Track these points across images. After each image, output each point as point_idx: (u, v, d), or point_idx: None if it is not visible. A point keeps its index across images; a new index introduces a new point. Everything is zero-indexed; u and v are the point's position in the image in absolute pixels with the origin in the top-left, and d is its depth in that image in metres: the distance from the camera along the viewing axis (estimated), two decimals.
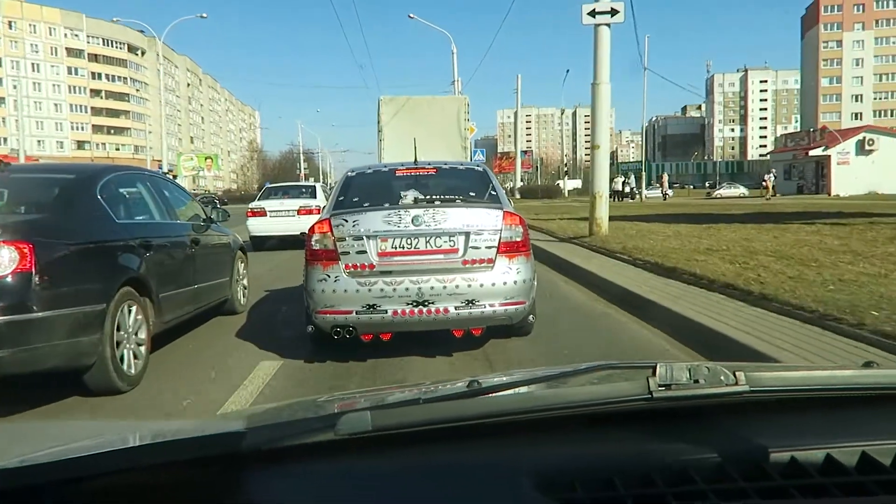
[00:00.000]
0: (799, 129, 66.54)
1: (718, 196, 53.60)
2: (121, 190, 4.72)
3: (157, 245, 4.65)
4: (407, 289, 4.04)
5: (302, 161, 75.23)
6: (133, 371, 4.00)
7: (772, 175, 39.13)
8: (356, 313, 4.08)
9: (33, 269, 3.34)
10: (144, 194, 5.12)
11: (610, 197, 38.08)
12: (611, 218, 11.38)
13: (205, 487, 0.81)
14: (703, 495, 0.77)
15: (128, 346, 3.99)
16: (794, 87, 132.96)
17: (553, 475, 0.81)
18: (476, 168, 5.21)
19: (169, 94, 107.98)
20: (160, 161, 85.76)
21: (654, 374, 0.84)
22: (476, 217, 4.20)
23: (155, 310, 4.39)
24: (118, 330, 3.86)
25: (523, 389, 0.99)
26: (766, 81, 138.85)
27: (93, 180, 4.37)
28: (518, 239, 4.23)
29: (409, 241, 4.14)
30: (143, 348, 4.18)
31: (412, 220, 4.12)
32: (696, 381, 0.85)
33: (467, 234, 4.14)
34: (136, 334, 4.10)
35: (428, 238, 4.14)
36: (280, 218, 13.33)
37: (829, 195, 38.74)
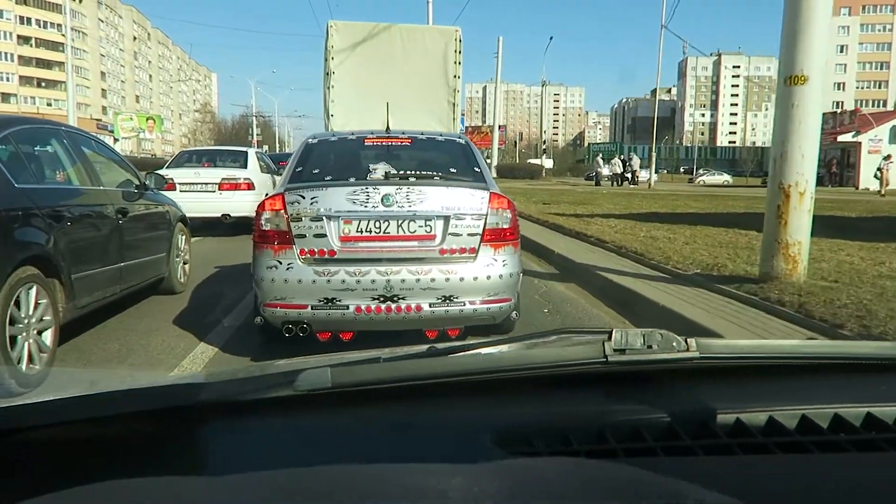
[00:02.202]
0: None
1: (702, 183, 50.27)
2: (25, 148, 4.03)
3: (72, 216, 4.05)
4: (373, 281, 3.59)
5: (255, 126, 68.94)
6: (36, 366, 3.48)
7: (891, 162, 28.07)
8: (312, 308, 3.60)
9: None
10: (60, 154, 4.46)
11: (609, 181, 33.75)
12: (654, 217, 8.73)
13: (156, 442, 0.80)
14: (653, 451, 0.81)
15: (28, 338, 3.47)
16: (767, 73, 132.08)
17: (511, 432, 0.84)
18: (458, 140, 4.56)
19: (111, 48, 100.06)
20: (98, 120, 79.41)
21: (609, 338, 0.87)
22: (457, 198, 3.73)
23: (66, 293, 3.84)
24: (13, 320, 3.34)
25: (483, 351, 0.98)
26: (738, 67, 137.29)
27: None
28: (506, 226, 3.78)
29: (377, 225, 3.68)
30: (48, 339, 3.65)
31: (382, 200, 3.66)
32: (650, 347, 0.88)
33: (446, 219, 3.70)
34: (38, 323, 3.57)
35: (400, 221, 3.68)
36: (194, 193, 10.21)
37: (857, 188, 34.27)
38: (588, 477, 0.65)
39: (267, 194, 11.68)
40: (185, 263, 6.15)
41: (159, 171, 7.23)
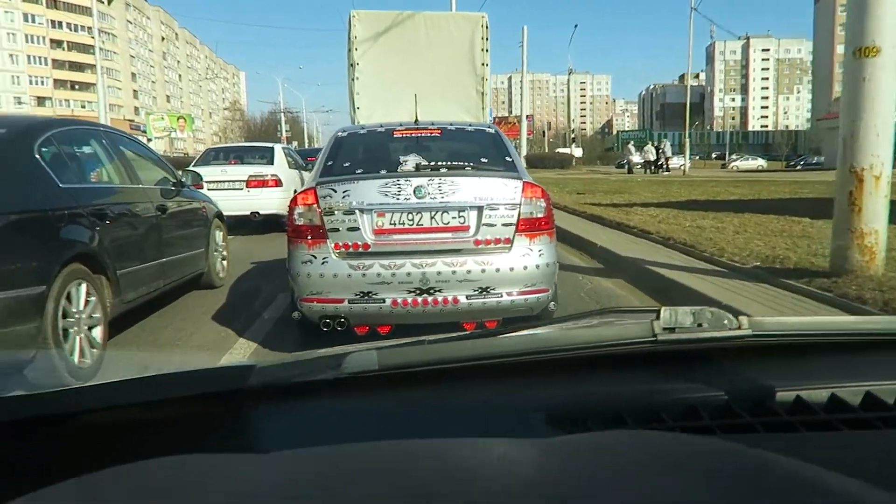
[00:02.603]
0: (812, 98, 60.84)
1: (735, 168, 48.99)
2: (67, 148, 4.13)
3: (114, 213, 4.14)
4: (408, 273, 3.55)
5: (283, 122, 69.21)
6: (88, 361, 3.53)
7: None
8: (348, 302, 3.58)
9: None
10: (100, 154, 4.56)
11: (642, 168, 32.90)
12: (695, 205, 8.04)
13: (207, 424, 0.81)
14: (711, 430, 0.79)
15: (79, 332, 3.52)
16: (797, 56, 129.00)
17: (563, 411, 0.83)
18: (487, 130, 4.51)
19: (140, 49, 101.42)
20: (131, 121, 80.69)
21: (658, 317, 0.86)
22: (490, 189, 3.68)
23: (113, 289, 3.93)
24: (64, 316, 3.40)
25: (530, 332, 0.98)
26: (768, 50, 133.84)
27: (29, 136, 3.73)
28: (541, 215, 3.72)
29: (410, 217, 3.64)
30: (97, 333, 3.72)
31: (414, 192, 3.61)
32: (700, 325, 0.86)
33: (480, 209, 3.65)
34: (89, 318, 3.64)
35: (433, 213, 3.64)
36: (222, 192, 9.76)
37: None
38: (664, 450, 0.61)
39: (295, 191, 11.49)
40: (223, 258, 6.22)
41: (194, 168, 7.17)
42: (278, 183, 10.25)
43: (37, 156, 3.65)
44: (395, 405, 0.84)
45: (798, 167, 47.26)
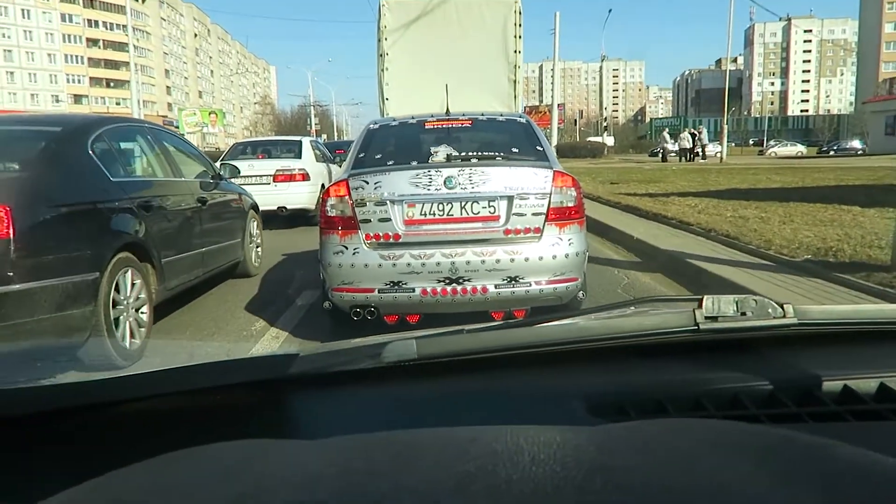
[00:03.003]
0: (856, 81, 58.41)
1: (773, 155, 47.68)
2: (116, 144, 4.39)
3: (159, 205, 4.37)
4: (438, 263, 3.59)
5: (313, 115, 69.49)
6: (136, 340, 3.80)
7: None
8: (379, 291, 3.64)
9: (11, 235, 3.06)
10: (144, 149, 4.85)
11: (676, 156, 32.13)
12: (735, 194, 7.74)
13: (251, 412, 0.83)
14: (756, 419, 0.78)
15: (127, 317, 3.77)
16: (842, 37, 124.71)
17: (604, 400, 0.82)
18: (518, 120, 4.51)
19: (174, 45, 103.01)
20: (164, 116, 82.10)
21: (700, 306, 0.85)
22: (521, 178, 3.68)
23: (157, 276, 4.17)
24: (115, 300, 3.64)
25: (569, 321, 0.97)
26: (810, 31, 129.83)
27: (83, 133, 3.99)
28: (571, 204, 3.73)
29: (440, 207, 3.67)
30: (144, 317, 3.98)
31: (444, 182, 3.65)
32: (744, 314, 0.85)
33: (510, 199, 3.66)
34: (136, 303, 3.88)
35: (463, 203, 3.67)
36: (249, 187, 9.41)
37: None
38: (711, 436, 0.59)
39: (323, 185, 11.33)
40: (257, 249, 6.47)
41: (232, 162, 7.32)
42: (305, 177, 10.15)
43: (90, 152, 3.90)
44: (435, 394, 0.84)
45: (831, 153, 45.73)
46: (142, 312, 3.96)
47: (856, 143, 47.55)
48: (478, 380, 0.86)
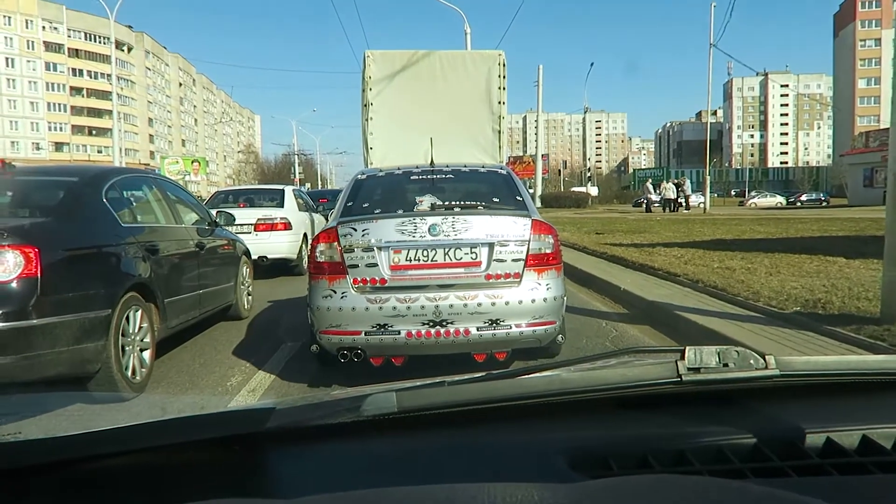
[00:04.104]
0: (832, 133, 60.42)
1: (753, 206, 48.67)
2: (126, 193, 4.83)
3: (163, 249, 4.75)
4: (423, 307, 3.76)
5: (297, 164, 69.98)
6: (138, 378, 4.11)
7: None
8: (365, 334, 3.81)
9: (39, 274, 3.39)
10: (150, 197, 5.27)
11: (660, 207, 32.61)
12: (721, 245, 7.97)
13: (227, 468, 0.81)
14: (741, 473, 0.78)
15: (133, 352, 4.09)
16: (817, 91, 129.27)
17: (587, 454, 0.82)
18: (499, 171, 4.80)
19: (158, 94, 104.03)
20: (147, 165, 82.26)
21: (682, 357, 0.85)
22: (501, 226, 3.91)
23: (160, 315, 4.50)
24: (123, 336, 3.96)
25: (550, 373, 0.95)
26: (786, 86, 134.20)
27: (98, 183, 4.43)
28: (549, 251, 3.95)
29: (425, 253, 3.86)
30: (147, 354, 4.28)
31: (429, 230, 3.85)
32: (726, 365, 0.86)
33: (491, 246, 3.86)
34: (141, 340, 4.21)
35: (447, 249, 3.87)
36: None
37: None
38: (694, 495, 0.59)
39: (306, 234, 11.22)
40: (248, 293, 6.85)
41: (227, 210, 7.56)
42: (287, 226, 10.08)
43: (104, 200, 4.30)
44: (415, 448, 0.83)
45: (798, 203, 47.16)
46: (145, 349, 4.27)
47: (820, 195, 50.63)
48: (458, 433, 0.86)
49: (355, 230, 3.89)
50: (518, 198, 4.30)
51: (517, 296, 3.82)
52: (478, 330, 3.77)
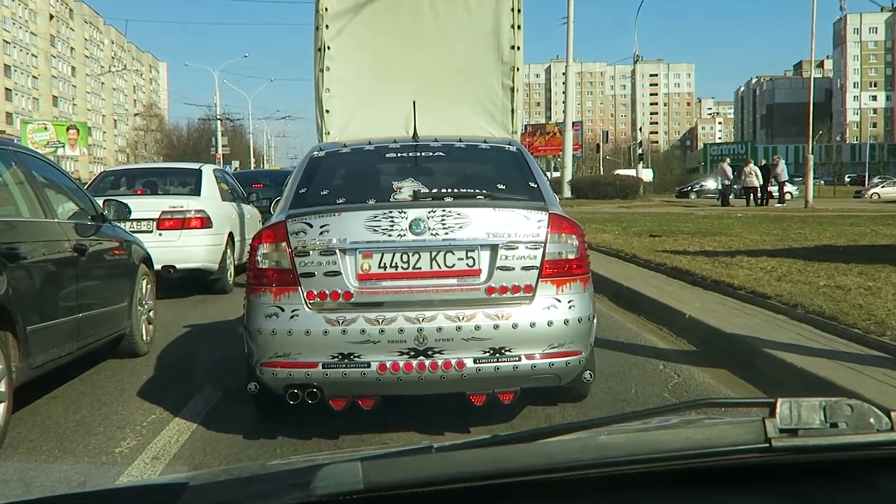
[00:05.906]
0: None
1: (876, 197, 49.22)
2: None
3: (24, 255, 4.73)
4: (401, 330, 3.92)
5: (220, 134, 69.76)
6: None
7: None
8: (323, 366, 3.93)
9: None
10: (5, 179, 5.16)
11: (740, 197, 32.86)
12: (829, 253, 8.86)
13: None
14: None
15: None
16: None
17: None
18: (507, 147, 5.00)
19: (19, 31, 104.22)
20: (2, 132, 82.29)
21: (773, 413, 0.86)
22: (508, 222, 4.08)
23: (20, 350, 4.38)
24: None
25: (584, 434, 0.96)
26: None
27: None
28: (572, 256, 4.13)
29: (404, 258, 4.04)
30: (0, 410, 4.16)
31: (410, 226, 4.00)
32: (834, 425, 0.86)
33: (494, 248, 4.04)
34: None
35: (434, 253, 4.03)
36: None
37: None
38: None
39: (232, 234, 11.30)
40: (149, 321, 6.87)
41: (119, 199, 7.53)
42: (205, 223, 10.11)
43: None
44: None
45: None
46: None
47: None
48: None
49: (310, 227, 4.03)
50: (532, 184, 4.49)
51: (529, 316, 3.98)
52: (475, 362, 3.91)
